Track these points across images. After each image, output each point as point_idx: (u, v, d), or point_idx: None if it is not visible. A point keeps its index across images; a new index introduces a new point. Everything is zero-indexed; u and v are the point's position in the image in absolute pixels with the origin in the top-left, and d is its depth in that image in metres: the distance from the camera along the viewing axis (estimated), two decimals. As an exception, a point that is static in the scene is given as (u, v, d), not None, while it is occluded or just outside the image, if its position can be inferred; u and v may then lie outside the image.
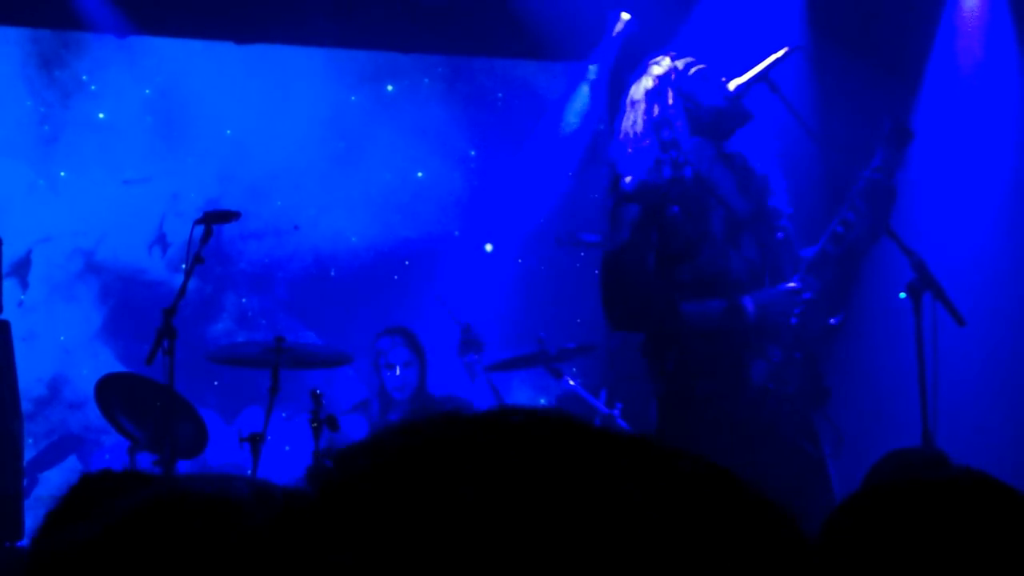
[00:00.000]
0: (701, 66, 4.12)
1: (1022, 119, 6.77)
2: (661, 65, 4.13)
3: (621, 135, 4.06)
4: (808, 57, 5.75)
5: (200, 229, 4.86)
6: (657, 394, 4.00)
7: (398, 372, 5.84)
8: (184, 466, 5.55)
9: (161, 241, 7.25)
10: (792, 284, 4.04)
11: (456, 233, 7.67)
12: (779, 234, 4.16)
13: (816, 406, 4.12)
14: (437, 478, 0.66)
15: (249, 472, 5.06)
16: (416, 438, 0.70)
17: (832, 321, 4.11)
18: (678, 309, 3.90)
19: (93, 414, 6.06)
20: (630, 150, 4.00)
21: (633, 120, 4.04)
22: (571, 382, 5.85)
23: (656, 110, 4.03)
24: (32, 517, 5.04)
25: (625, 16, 7.09)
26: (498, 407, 0.75)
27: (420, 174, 7.69)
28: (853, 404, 6.24)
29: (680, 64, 4.12)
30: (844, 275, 4.14)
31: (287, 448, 6.88)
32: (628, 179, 3.95)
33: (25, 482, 5.51)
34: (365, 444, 0.72)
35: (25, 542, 4.83)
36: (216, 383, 7.09)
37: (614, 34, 7.15)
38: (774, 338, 3.99)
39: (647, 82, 4.10)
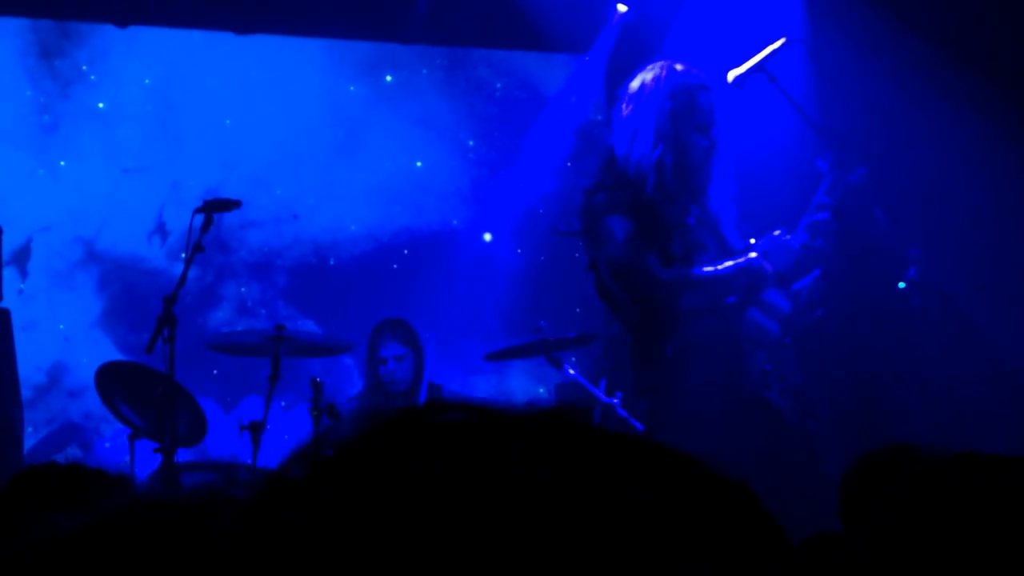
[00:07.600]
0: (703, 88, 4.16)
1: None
2: (657, 67, 4.20)
3: (620, 121, 4.14)
4: (806, 48, 5.76)
5: (200, 218, 4.86)
6: (648, 382, 4.02)
7: (390, 366, 5.81)
8: (184, 454, 5.57)
9: (161, 230, 7.27)
10: (778, 232, 4.13)
11: (455, 222, 7.68)
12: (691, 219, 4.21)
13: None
14: (421, 462, 0.67)
15: (249, 461, 5.07)
16: (406, 424, 0.71)
17: (816, 313, 4.15)
18: (693, 282, 3.95)
19: (93, 402, 6.08)
20: (630, 133, 4.08)
21: (632, 109, 4.11)
22: (571, 371, 5.86)
23: (652, 103, 4.10)
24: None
25: (622, 8, 7.10)
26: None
27: (419, 164, 7.70)
28: (852, 401, 6.26)
29: (678, 67, 4.18)
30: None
31: (287, 437, 6.90)
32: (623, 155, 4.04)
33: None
34: (355, 427, 0.72)
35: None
36: (216, 371, 7.11)
37: (612, 26, 7.15)
38: (774, 313, 4.05)
39: (646, 75, 4.16)
